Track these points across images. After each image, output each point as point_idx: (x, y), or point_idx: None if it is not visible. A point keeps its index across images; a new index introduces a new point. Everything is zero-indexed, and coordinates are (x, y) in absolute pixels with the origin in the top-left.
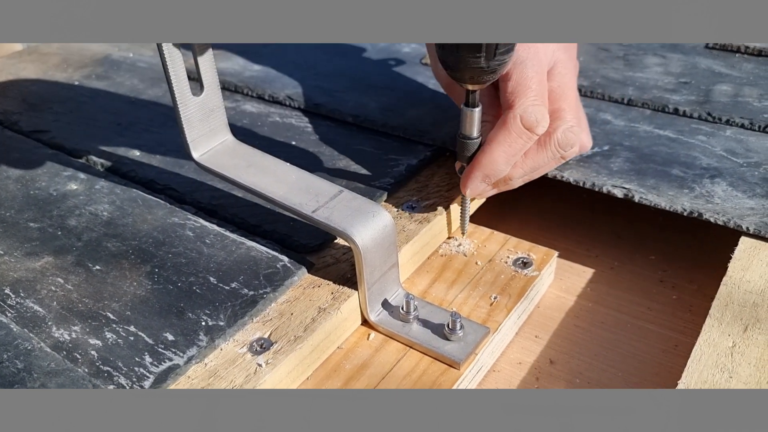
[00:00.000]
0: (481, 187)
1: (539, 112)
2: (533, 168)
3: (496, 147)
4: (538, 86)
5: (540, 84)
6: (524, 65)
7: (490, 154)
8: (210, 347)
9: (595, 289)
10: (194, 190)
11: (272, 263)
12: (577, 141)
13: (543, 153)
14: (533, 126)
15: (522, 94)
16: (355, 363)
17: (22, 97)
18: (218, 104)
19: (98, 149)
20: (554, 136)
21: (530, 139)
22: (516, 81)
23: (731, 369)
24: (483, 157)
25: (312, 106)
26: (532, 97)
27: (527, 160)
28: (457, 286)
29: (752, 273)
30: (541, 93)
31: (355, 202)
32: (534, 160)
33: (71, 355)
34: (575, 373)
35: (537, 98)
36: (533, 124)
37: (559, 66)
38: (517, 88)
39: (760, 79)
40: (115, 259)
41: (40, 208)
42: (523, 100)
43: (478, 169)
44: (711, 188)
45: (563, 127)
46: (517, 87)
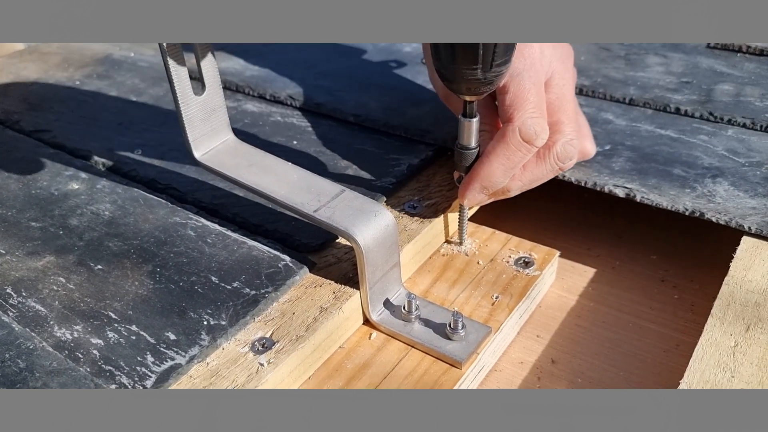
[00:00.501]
0: (478, 198)
1: (538, 125)
2: (532, 180)
3: (494, 159)
4: (535, 98)
5: (538, 95)
6: (521, 77)
7: (488, 166)
8: (212, 346)
9: (596, 289)
10: (196, 190)
11: (274, 263)
12: (575, 154)
13: (542, 166)
14: (532, 139)
15: (520, 107)
16: (356, 362)
17: (23, 97)
18: (220, 104)
19: (99, 148)
20: (553, 150)
21: (529, 151)
22: (513, 93)
23: (733, 369)
24: (481, 169)
25: (313, 105)
26: (530, 109)
27: (526, 173)
28: (459, 285)
29: (754, 273)
30: (539, 105)
31: (357, 201)
32: (533, 173)
33: (73, 355)
34: (577, 373)
35: (535, 110)
36: (532, 137)
37: (556, 77)
38: (515, 100)
39: (761, 78)
40: (116, 258)
41: (41, 208)
42: (522, 113)
43: (476, 180)
44: (713, 188)
45: (562, 141)
46: (514, 99)
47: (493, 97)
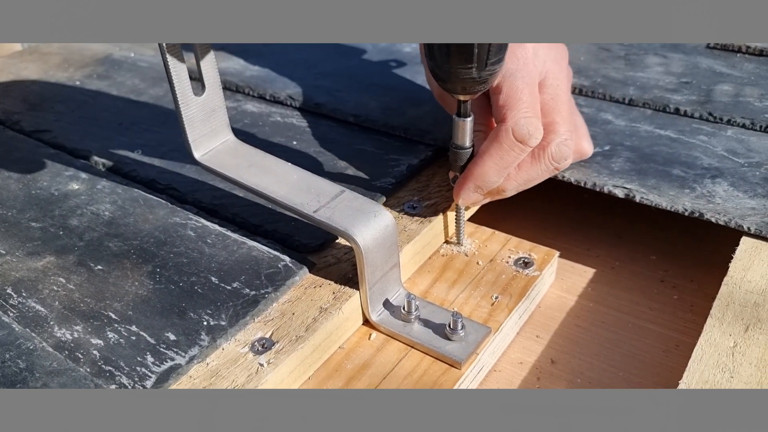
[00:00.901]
0: (473, 197)
1: (531, 125)
2: (527, 180)
3: (488, 159)
4: (529, 98)
5: (531, 95)
6: (514, 77)
7: (482, 166)
8: (212, 347)
9: (596, 289)
10: (196, 190)
11: (274, 263)
12: (570, 154)
13: (537, 166)
14: (525, 139)
15: (513, 107)
16: (356, 363)
17: (24, 97)
18: (220, 104)
19: (100, 149)
20: (548, 150)
21: (523, 151)
22: (506, 93)
23: (732, 369)
24: (475, 169)
25: (313, 105)
26: (523, 109)
27: (521, 173)
28: (459, 286)
29: (753, 273)
30: (533, 104)
31: (357, 201)
32: (528, 173)
33: (73, 355)
34: (576, 373)
35: (529, 110)
36: (526, 137)
37: (550, 77)
38: (508, 100)
39: (761, 79)
40: (116, 258)
41: (41, 208)
42: (515, 113)
43: (470, 180)
44: (712, 188)
45: (557, 141)
46: (508, 100)
47: (487, 96)
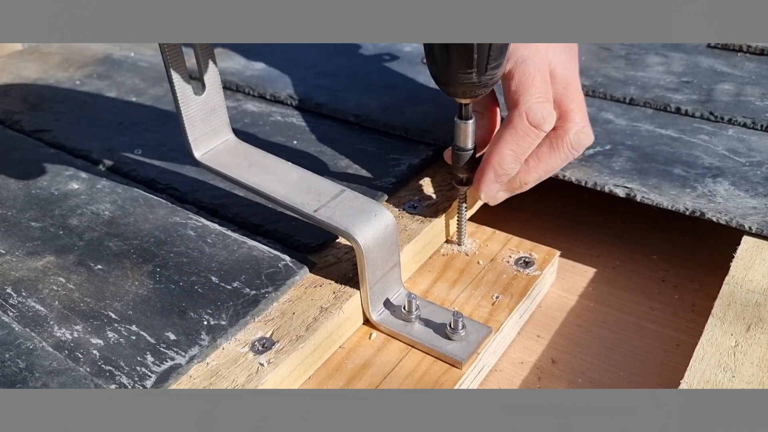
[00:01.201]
0: (494, 189)
1: (545, 109)
2: (547, 171)
3: (504, 146)
4: (541, 83)
5: (543, 81)
6: (526, 63)
7: (498, 153)
8: (212, 346)
9: (596, 289)
10: (196, 190)
11: (274, 263)
12: (589, 141)
13: (556, 155)
14: (539, 123)
15: (526, 92)
16: (356, 362)
17: (24, 97)
18: (220, 104)
19: (100, 148)
20: (566, 138)
21: (538, 136)
22: (519, 80)
23: (734, 369)
24: (492, 157)
25: (313, 105)
26: (536, 94)
27: (541, 164)
28: (459, 285)
29: (755, 272)
30: (545, 90)
31: (357, 201)
32: (548, 163)
33: (73, 355)
34: (577, 373)
35: (541, 95)
36: (539, 122)
37: (560, 66)
38: (521, 86)
39: (762, 78)
40: (116, 258)
41: (41, 208)
42: (528, 98)
43: (489, 168)
44: (713, 188)
45: (574, 129)
46: (520, 85)
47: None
